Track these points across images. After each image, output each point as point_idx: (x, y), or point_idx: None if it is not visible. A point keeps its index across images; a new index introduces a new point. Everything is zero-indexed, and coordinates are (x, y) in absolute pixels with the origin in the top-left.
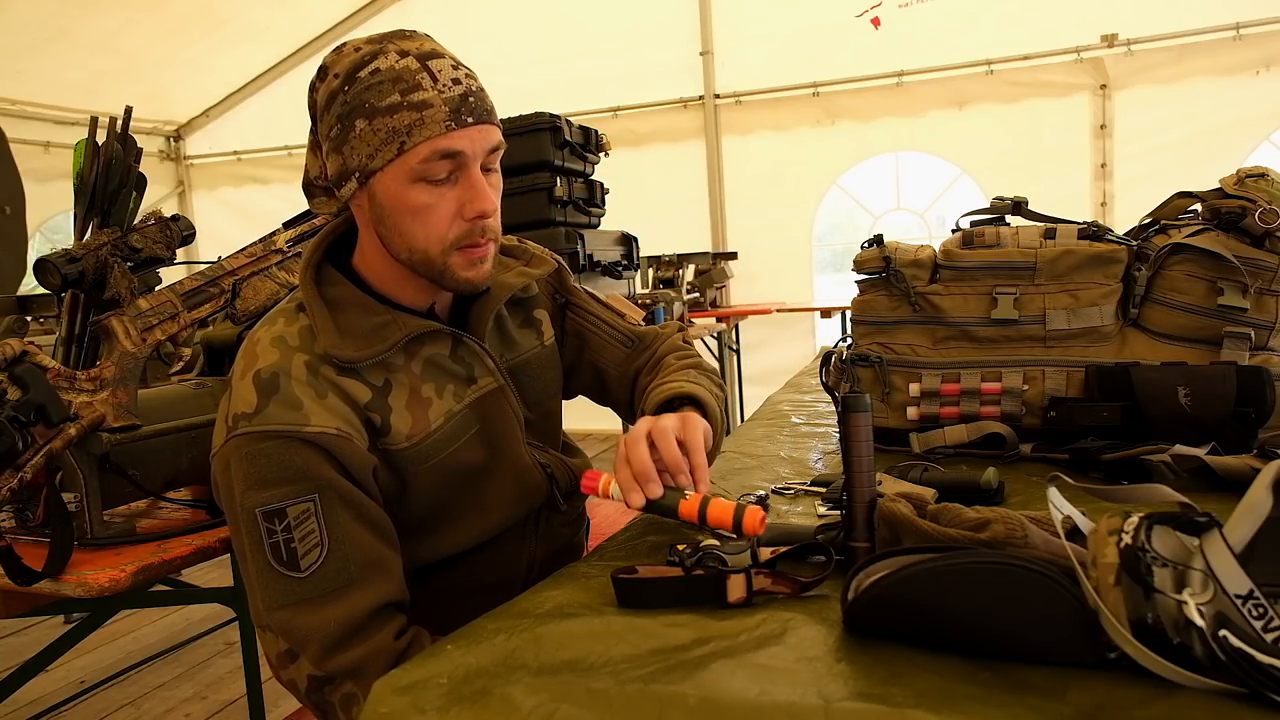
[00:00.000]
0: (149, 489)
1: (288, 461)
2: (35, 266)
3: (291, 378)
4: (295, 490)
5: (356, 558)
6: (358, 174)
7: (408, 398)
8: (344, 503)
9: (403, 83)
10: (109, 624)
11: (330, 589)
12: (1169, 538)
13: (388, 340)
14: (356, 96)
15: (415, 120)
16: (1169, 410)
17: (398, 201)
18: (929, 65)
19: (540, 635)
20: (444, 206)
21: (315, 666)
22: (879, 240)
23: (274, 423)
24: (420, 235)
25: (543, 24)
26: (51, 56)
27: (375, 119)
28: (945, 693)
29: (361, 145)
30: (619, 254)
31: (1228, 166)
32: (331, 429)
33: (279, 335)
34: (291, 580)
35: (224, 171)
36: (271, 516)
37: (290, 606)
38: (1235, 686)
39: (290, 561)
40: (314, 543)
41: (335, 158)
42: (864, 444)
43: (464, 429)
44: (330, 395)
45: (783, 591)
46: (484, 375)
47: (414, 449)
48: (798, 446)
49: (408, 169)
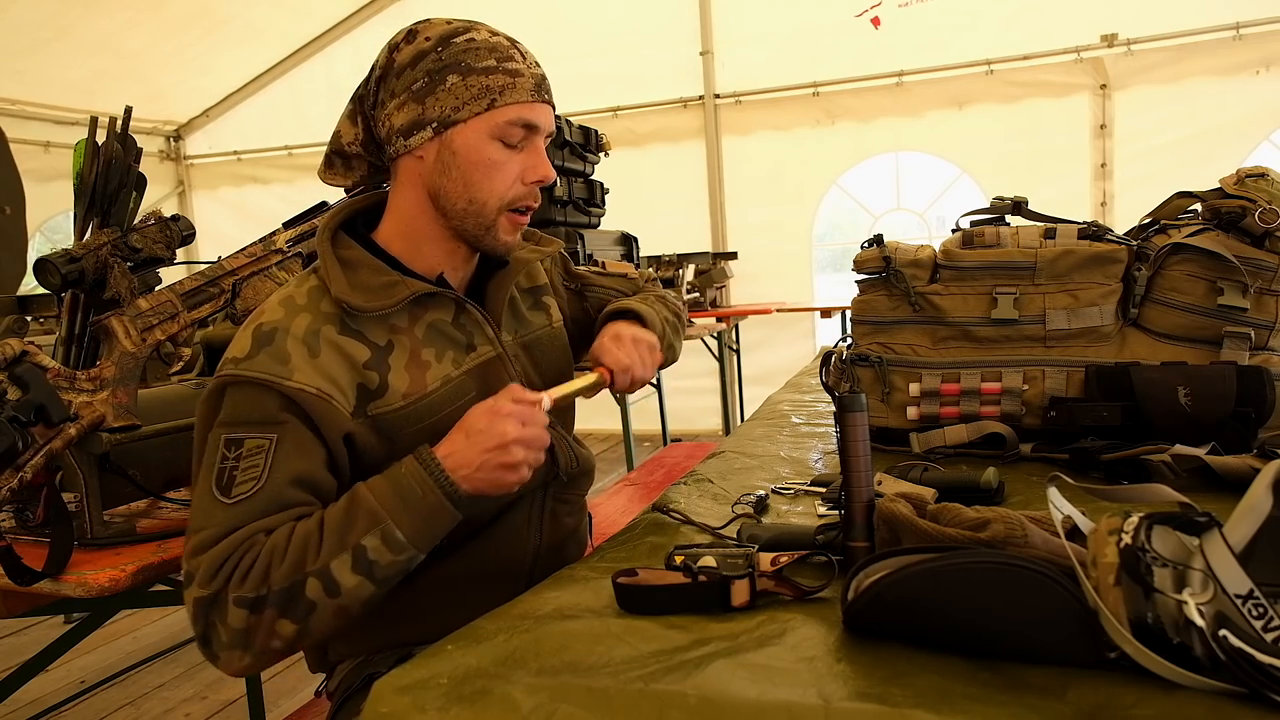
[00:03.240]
0: (149, 489)
1: (261, 406)
2: (35, 266)
3: (289, 334)
4: (260, 428)
5: (280, 502)
6: (436, 123)
7: (407, 359)
8: (299, 453)
9: (498, 52)
10: (109, 624)
11: (245, 521)
12: (1169, 538)
13: (395, 296)
14: (452, 56)
15: (508, 84)
16: (1169, 410)
17: (474, 153)
18: (929, 65)
19: (540, 636)
20: (511, 167)
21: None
22: (879, 240)
23: (258, 370)
24: (485, 188)
25: (543, 24)
26: (51, 56)
27: (470, 76)
28: (945, 693)
29: (449, 97)
30: (619, 254)
31: (1228, 166)
32: (312, 388)
33: (287, 295)
34: (216, 505)
35: (224, 171)
36: (230, 444)
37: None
38: (1235, 686)
39: (225, 487)
40: (253, 475)
41: (412, 108)
42: (861, 444)
43: (460, 394)
44: (324, 354)
45: (785, 595)
46: (483, 344)
47: (409, 409)
48: (798, 446)
49: (492, 125)
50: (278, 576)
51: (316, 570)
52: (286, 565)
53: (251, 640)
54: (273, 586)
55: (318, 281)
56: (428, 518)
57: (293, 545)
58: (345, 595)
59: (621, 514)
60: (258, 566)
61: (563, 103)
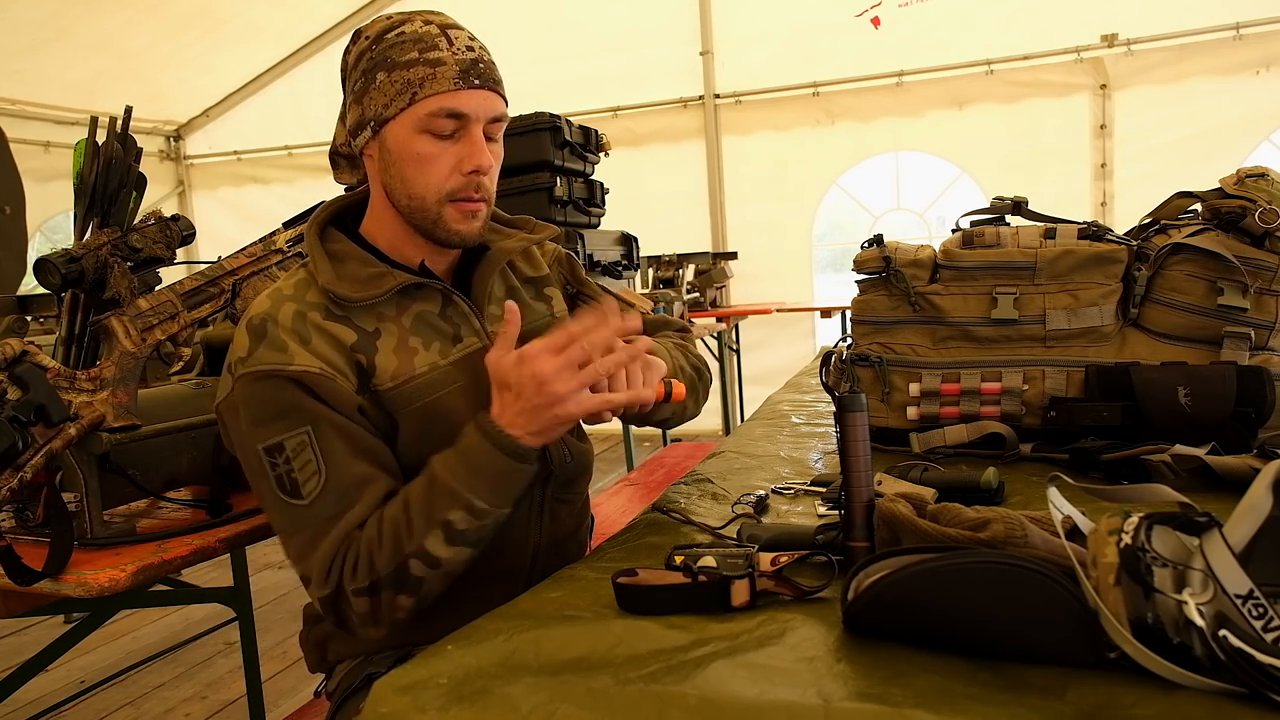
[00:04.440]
0: (149, 489)
1: (279, 398)
2: (35, 266)
3: (278, 324)
4: (289, 424)
5: (354, 483)
6: (373, 123)
7: (395, 344)
8: (337, 432)
9: (422, 43)
10: (109, 624)
11: (332, 514)
12: (1169, 538)
13: (382, 287)
14: (381, 53)
15: (428, 75)
16: (1169, 410)
17: (404, 149)
18: (929, 65)
19: (540, 636)
20: (444, 159)
21: (320, 589)
22: (879, 240)
23: (262, 363)
24: (420, 182)
25: (543, 24)
26: (51, 56)
27: (394, 71)
28: (945, 693)
29: (379, 95)
30: (619, 254)
31: (1228, 166)
32: (315, 368)
33: (275, 289)
34: (296, 508)
35: (224, 171)
36: (272, 451)
37: (297, 535)
38: (1235, 686)
39: (293, 490)
40: (311, 471)
41: (356, 109)
42: (860, 443)
43: (447, 381)
44: (315, 339)
45: (785, 595)
46: (470, 335)
47: (398, 389)
48: (798, 446)
49: (416, 119)
50: (382, 563)
51: (414, 551)
52: (386, 551)
53: (379, 617)
54: (381, 573)
55: (306, 275)
56: (502, 480)
57: (386, 533)
58: (446, 564)
59: (621, 514)
60: (362, 559)
61: (563, 103)
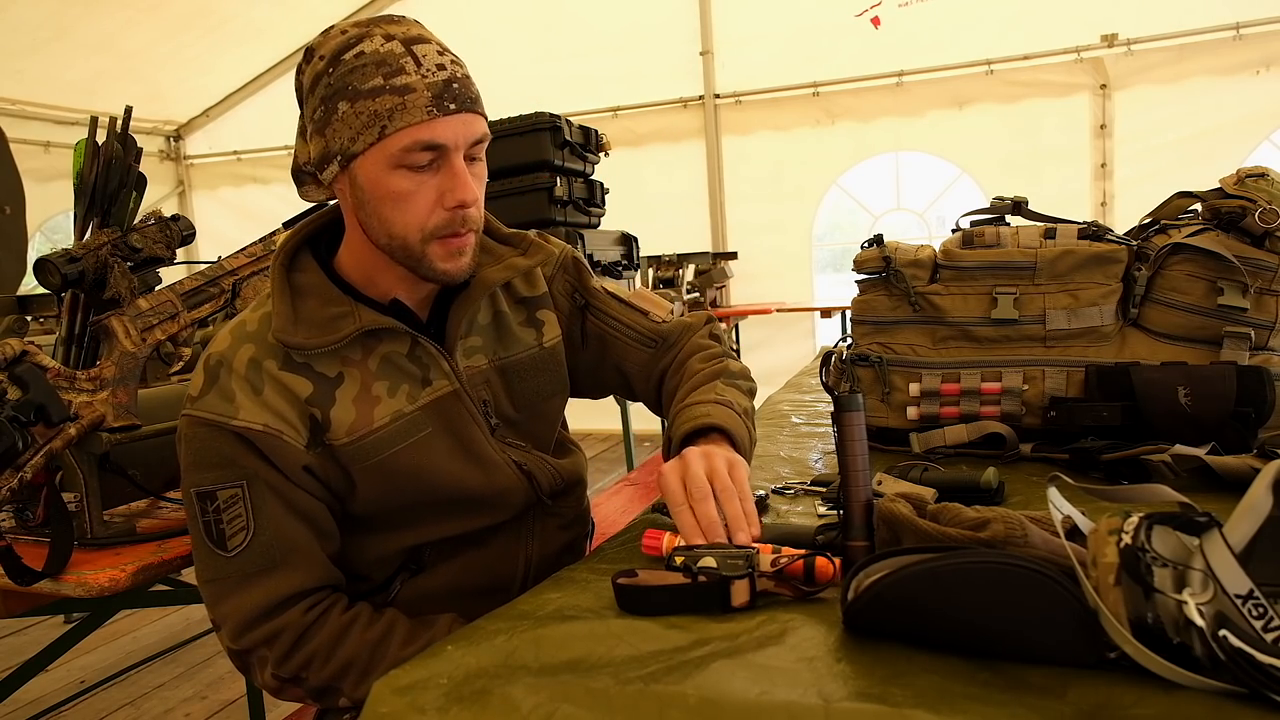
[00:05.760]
0: (149, 489)
1: (217, 449)
2: (35, 266)
3: (232, 370)
4: (225, 475)
5: (281, 544)
6: (339, 157)
7: (357, 392)
8: (272, 492)
9: (386, 66)
10: (109, 624)
11: (252, 571)
12: (1169, 538)
13: (340, 332)
14: (340, 79)
15: (397, 105)
16: (1169, 410)
17: (377, 187)
18: (929, 65)
19: (540, 636)
20: (424, 194)
21: (231, 642)
22: (879, 240)
23: (207, 410)
24: (399, 222)
25: (542, 24)
26: (51, 56)
27: (358, 101)
28: (945, 693)
29: (343, 128)
30: (619, 254)
31: (1228, 166)
32: (258, 425)
33: (240, 321)
34: (219, 558)
35: (224, 171)
36: (204, 498)
37: (216, 583)
38: (1235, 686)
39: (219, 541)
40: (240, 526)
41: (318, 140)
42: (858, 443)
43: (413, 430)
44: (267, 390)
45: (785, 595)
46: (439, 378)
47: (354, 445)
48: (798, 446)
49: (388, 155)
50: (315, 676)
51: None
52: (327, 673)
53: (281, 696)
54: (309, 681)
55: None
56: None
57: (337, 657)
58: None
59: (621, 514)
60: (297, 657)
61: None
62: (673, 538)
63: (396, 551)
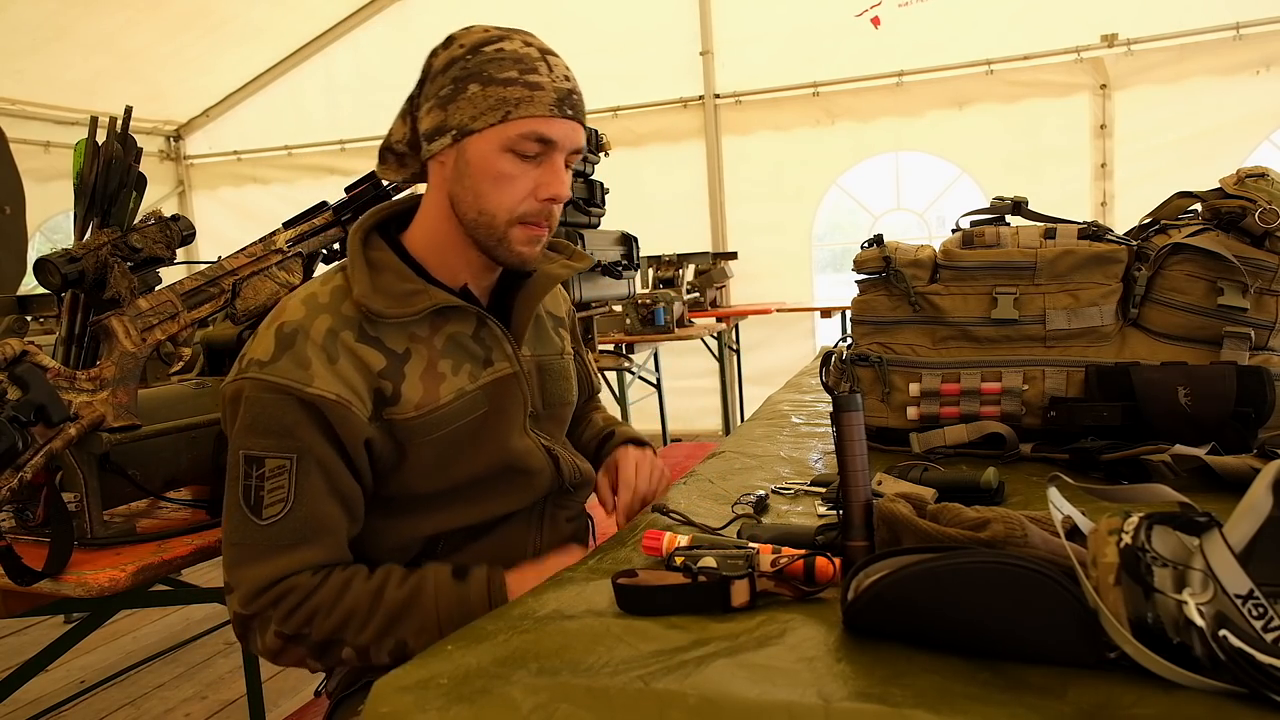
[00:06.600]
0: (149, 489)
1: (279, 417)
2: (35, 266)
3: (309, 338)
4: (278, 445)
5: (313, 522)
6: (455, 131)
7: (423, 369)
8: (319, 469)
9: (522, 64)
10: (109, 624)
11: (281, 544)
12: (1169, 538)
13: (415, 306)
14: (478, 65)
15: (525, 97)
16: (1169, 410)
17: (485, 163)
18: (929, 65)
19: (540, 636)
20: (523, 182)
21: (241, 607)
22: (879, 240)
23: (280, 376)
24: (494, 200)
25: (543, 24)
26: (51, 56)
27: (489, 86)
28: (945, 693)
29: (468, 106)
30: (619, 254)
31: (1228, 166)
32: (332, 394)
33: (311, 294)
34: (250, 524)
35: (224, 171)
36: (251, 461)
37: (241, 547)
38: (1235, 686)
39: (255, 508)
40: (279, 498)
41: (437, 113)
42: (857, 443)
43: (472, 409)
44: (342, 360)
45: (785, 595)
46: (501, 360)
47: (420, 420)
48: (798, 446)
49: (504, 138)
50: (319, 629)
51: (357, 645)
52: (330, 624)
53: (280, 658)
54: (312, 636)
55: (343, 281)
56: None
57: (340, 607)
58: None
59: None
60: (301, 612)
61: None
62: (673, 538)
63: (413, 540)
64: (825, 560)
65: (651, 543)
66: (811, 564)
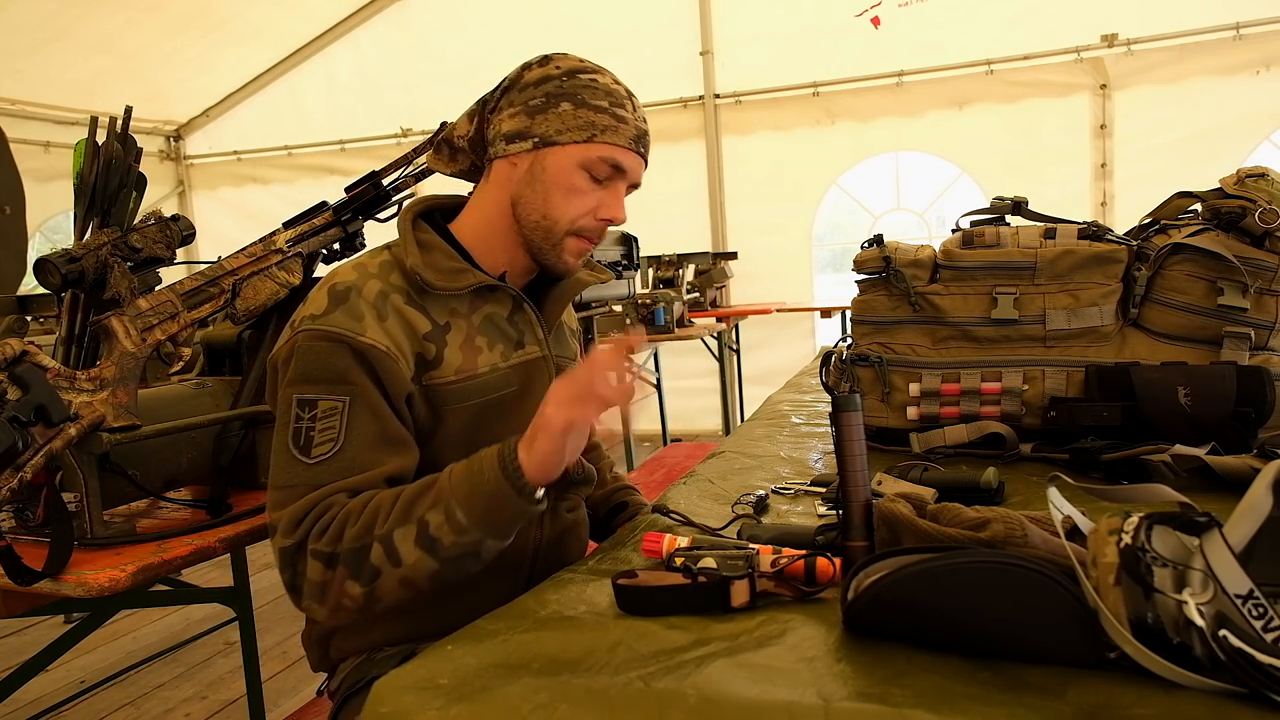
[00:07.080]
0: (149, 489)
1: (333, 364)
2: (35, 266)
3: (361, 295)
4: (332, 389)
5: (358, 466)
6: (537, 139)
7: (462, 340)
8: (371, 412)
9: (613, 97)
10: (109, 624)
11: (325, 483)
12: (1169, 538)
13: (461, 281)
14: (574, 87)
15: (611, 126)
16: (1169, 410)
17: (560, 174)
18: (929, 65)
19: (540, 636)
20: (588, 199)
21: (285, 538)
22: (879, 240)
23: (334, 325)
24: (559, 208)
25: (542, 24)
26: (51, 56)
27: (581, 108)
28: (945, 693)
29: (557, 120)
30: (619, 254)
31: (1228, 166)
32: (382, 345)
33: (360, 263)
34: (298, 464)
35: (224, 171)
36: (304, 404)
37: (286, 489)
38: (1235, 686)
39: (304, 447)
40: (330, 437)
41: (522, 119)
42: (857, 444)
43: (504, 384)
44: (391, 319)
45: (785, 595)
46: (532, 343)
47: (459, 385)
48: (798, 446)
49: (585, 156)
50: (349, 536)
51: (381, 536)
52: (358, 527)
53: (326, 595)
54: (343, 545)
55: (390, 257)
56: (491, 503)
57: (367, 510)
58: (407, 568)
59: None
60: (335, 525)
61: None
62: (673, 539)
63: None
64: (825, 560)
65: (651, 545)
66: (812, 564)
